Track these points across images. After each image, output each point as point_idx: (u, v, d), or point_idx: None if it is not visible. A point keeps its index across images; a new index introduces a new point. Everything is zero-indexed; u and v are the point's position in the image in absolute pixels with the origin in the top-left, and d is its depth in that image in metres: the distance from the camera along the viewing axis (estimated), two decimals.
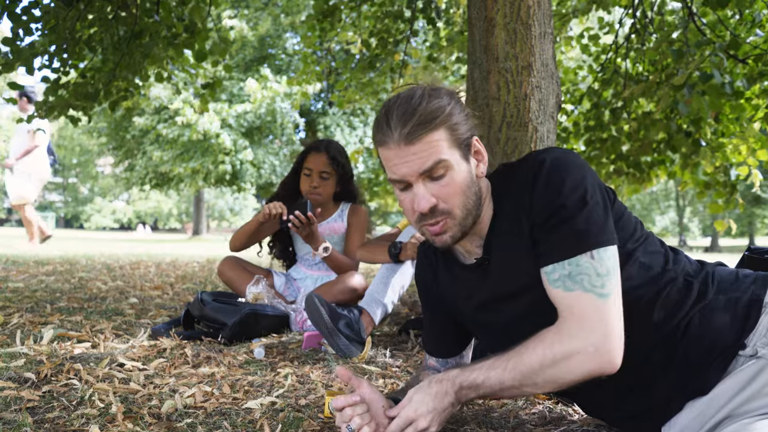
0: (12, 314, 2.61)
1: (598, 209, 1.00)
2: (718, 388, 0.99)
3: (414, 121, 1.02)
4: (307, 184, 2.65)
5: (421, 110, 1.03)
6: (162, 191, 20.70)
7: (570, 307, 0.98)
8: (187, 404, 1.41)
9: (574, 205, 0.99)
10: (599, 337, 0.95)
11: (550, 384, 0.98)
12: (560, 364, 0.96)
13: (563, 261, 0.99)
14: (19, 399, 1.39)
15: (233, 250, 2.69)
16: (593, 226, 0.99)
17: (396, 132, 1.03)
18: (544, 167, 1.04)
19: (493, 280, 1.12)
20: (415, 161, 1.03)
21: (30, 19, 3.56)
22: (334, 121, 17.51)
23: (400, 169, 1.05)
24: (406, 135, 1.02)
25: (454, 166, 1.06)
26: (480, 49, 2.38)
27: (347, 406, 1.05)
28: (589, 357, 0.95)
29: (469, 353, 1.40)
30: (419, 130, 1.02)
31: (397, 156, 1.05)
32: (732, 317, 1.01)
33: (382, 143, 1.07)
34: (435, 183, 1.05)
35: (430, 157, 1.03)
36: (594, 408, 1.19)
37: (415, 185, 1.06)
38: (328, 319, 1.92)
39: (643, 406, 1.07)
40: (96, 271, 5.29)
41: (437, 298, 1.31)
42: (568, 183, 1.01)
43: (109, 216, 38.17)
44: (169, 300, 3.45)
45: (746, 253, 1.41)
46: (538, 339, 0.99)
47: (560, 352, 0.96)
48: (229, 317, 2.23)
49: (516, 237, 1.08)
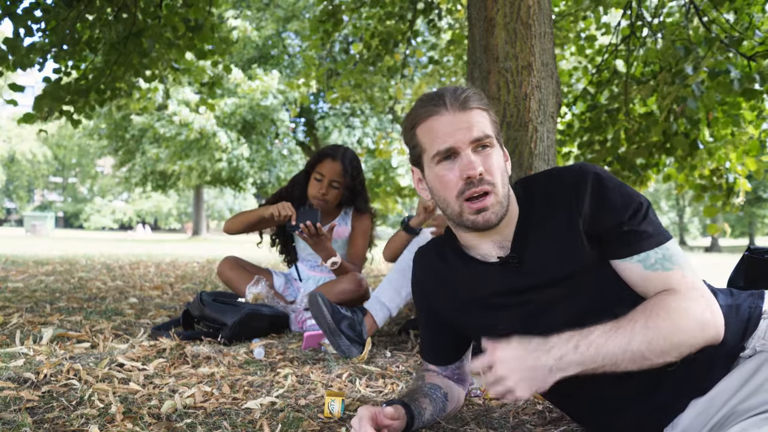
0: (11, 314, 2.61)
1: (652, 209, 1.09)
2: (719, 385, 1.00)
3: (469, 94, 1.12)
4: (316, 189, 2.63)
5: (469, 91, 1.13)
6: (162, 192, 20.73)
7: (677, 281, 1.02)
8: (187, 404, 1.41)
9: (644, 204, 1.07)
10: (710, 304, 1.00)
11: (673, 352, 0.97)
12: (687, 329, 0.97)
13: (656, 248, 1.04)
14: (18, 399, 1.39)
15: (227, 232, 2.68)
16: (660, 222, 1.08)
17: (451, 101, 1.11)
18: (589, 173, 1.09)
19: (527, 273, 1.13)
20: (468, 129, 1.09)
21: (31, 20, 3.56)
22: (333, 122, 17.51)
23: (452, 136, 1.09)
24: (462, 101, 1.10)
25: (496, 145, 1.13)
26: (480, 49, 2.38)
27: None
28: (708, 323, 0.98)
29: (469, 357, 1.39)
30: (475, 101, 1.11)
31: (451, 123, 1.10)
32: (734, 322, 1.04)
33: (433, 113, 1.12)
34: (481, 155, 1.10)
35: (482, 127, 1.10)
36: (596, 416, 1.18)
37: (464, 153, 1.09)
38: (330, 319, 1.92)
39: (647, 409, 1.07)
40: (96, 271, 5.29)
41: (437, 306, 1.30)
42: (624, 187, 1.09)
43: (108, 216, 38.14)
44: (169, 300, 3.45)
45: (746, 253, 1.40)
46: (661, 306, 0.99)
47: (687, 316, 0.97)
48: (229, 317, 2.23)
49: (555, 233, 1.10)
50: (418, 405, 1.23)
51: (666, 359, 0.97)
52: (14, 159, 34.90)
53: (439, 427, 1.30)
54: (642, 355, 0.96)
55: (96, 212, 38.08)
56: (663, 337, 0.96)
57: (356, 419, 1.12)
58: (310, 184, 2.66)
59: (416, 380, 1.38)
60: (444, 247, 1.27)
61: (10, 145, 33.93)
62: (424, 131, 1.13)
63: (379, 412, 1.13)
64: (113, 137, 19.68)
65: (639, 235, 1.04)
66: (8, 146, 33.83)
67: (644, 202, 1.07)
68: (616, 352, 0.96)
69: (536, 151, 2.30)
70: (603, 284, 1.08)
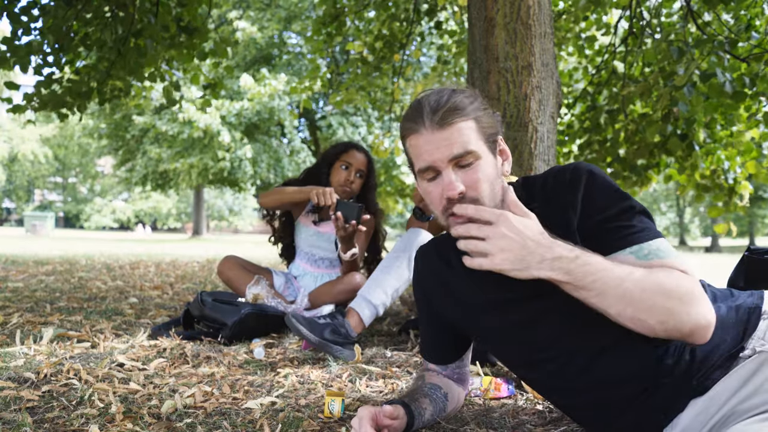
0: (12, 314, 2.61)
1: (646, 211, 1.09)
2: (719, 385, 1.00)
3: (446, 108, 1.07)
4: (344, 177, 2.65)
5: (452, 100, 1.08)
6: (162, 192, 20.71)
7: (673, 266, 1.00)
8: (187, 404, 1.41)
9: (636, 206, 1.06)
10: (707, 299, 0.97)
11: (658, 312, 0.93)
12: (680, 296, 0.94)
13: (649, 241, 1.03)
14: (18, 399, 1.39)
15: (261, 205, 2.72)
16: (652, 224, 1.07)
17: (428, 118, 1.07)
18: (583, 172, 1.09)
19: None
20: (447, 146, 1.06)
21: (29, 19, 3.56)
22: (337, 120, 17.51)
23: (431, 155, 1.08)
24: (438, 120, 1.06)
25: (482, 156, 1.09)
26: (480, 49, 2.38)
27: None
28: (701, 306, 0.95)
29: (469, 357, 1.39)
30: (451, 116, 1.06)
31: (428, 142, 1.08)
32: (734, 322, 1.04)
33: (413, 131, 1.09)
34: (463, 171, 1.08)
35: (461, 144, 1.06)
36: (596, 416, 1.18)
37: (444, 172, 1.07)
38: (310, 334, 1.91)
39: (646, 409, 1.07)
40: (96, 271, 5.29)
41: (438, 305, 1.30)
42: (616, 186, 1.08)
43: (109, 216, 38.15)
44: (169, 300, 3.45)
45: (746, 253, 1.40)
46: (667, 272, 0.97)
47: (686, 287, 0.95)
48: (229, 317, 2.23)
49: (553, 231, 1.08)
50: (418, 405, 1.23)
51: (648, 318, 0.94)
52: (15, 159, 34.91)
53: (439, 427, 1.30)
54: (630, 298, 0.93)
55: (96, 212, 38.08)
56: (658, 291, 0.93)
57: (356, 419, 1.12)
58: (335, 172, 2.68)
59: (416, 380, 1.38)
60: (445, 247, 1.27)
61: (10, 145, 33.94)
62: (409, 146, 1.13)
63: (379, 412, 1.13)
64: (113, 137, 19.69)
65: (631, 229, 1.04)
66: (8, 146, 33.84)
67: (636, 204, 1.07)
68: (608, 282, 0.94)
69: (536, 151, 2.30)
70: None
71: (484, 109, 1.12)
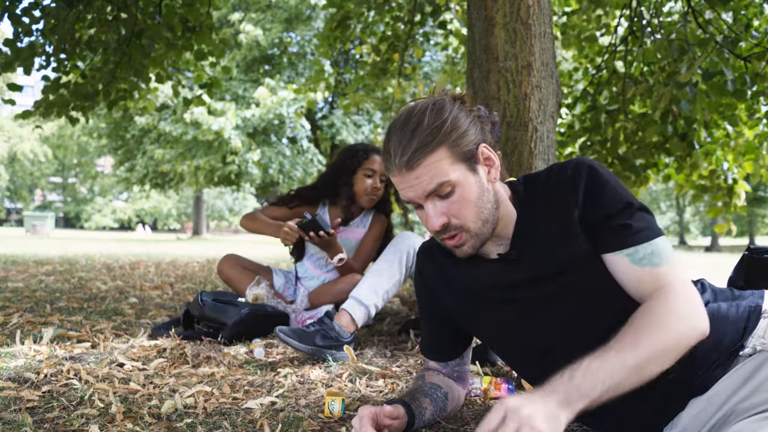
0: (12, 314, 2.61)
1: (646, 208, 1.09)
2: (718, 384, 1.00)
3: (412, 147, 1.04)
4: (370, 185, 2.61)
5: (418, 133, 1.04)
6: (162, 192, 20.67)
7: (665, 278, 1.01)
8: (187, 404, 1.41)
9: (634, 203, 1.06)
10: (697, 306, 1.00)
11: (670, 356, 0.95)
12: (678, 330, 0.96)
13: (645, 243, 1.03)
14: (18, 399, 1.39)
15: (243, 227, 2.75)
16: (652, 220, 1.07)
17: (396, 160, 1.06)
18: (584, 168, 1.09)
19: (526, 266, 1.13)
20: (419, 185, 1.06)
21: (30, 20, 3.56)
22: (340, 119, 17.50)
23: (407, 194, 1.09)
24: (405, 162, 1.05)
25: (460, 182, 1.07)
26: (480, 49, 2.38)
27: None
28: (697, 321, 0.98)
29: (469, 355, 1.40)
30: (417, 156, 1.04)
31: (401, 182, 1.08)
32: (734, 320, 1.04)
33: (388, 170, 1.10)
34: (444, 201, 1.07)
35: (432, 179, 1.05)
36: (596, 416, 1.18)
37: (425, 205, 1.08)
38: (301, 344, 1.91)
39: (646, 408, 1.07)
40: (96, 271, 5.29)
41: (439, 301, 1.30)
42: (618, 183, 1.08)
43: (109, 216, 38.13)
44: (169, 300, 3.45)
45: (746, 252, 1.40)
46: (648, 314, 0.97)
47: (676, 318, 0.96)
48: (229, 317, 2.23)
49: (553, 227, 1.10)
50: (418, 405, 1.23)
51: (664, 365, 0.95)
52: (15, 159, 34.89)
53: (439, 427, 1.30)
54: (641, 368, 0.93)
55: (97, 212, 38.07)
56: (657, 346, 0.94)
57: (357, 419, 1.12)
58: (359, 181, 2.63)
59: (417, 380, 1.39)
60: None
61: (10, 145, 33.93)
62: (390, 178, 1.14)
63: (380, 411, 1.13)
64: (113, 136, 19.65)
65: (628, 229, 1.04)
66: (8, 146, 33.83)
67: (636, 201, 1.07)
68: (614, 375, 0.91)
69: (536, 150, 2.30)
70: (599, 279, 1.08)
71: (465, 119, 1.08)
